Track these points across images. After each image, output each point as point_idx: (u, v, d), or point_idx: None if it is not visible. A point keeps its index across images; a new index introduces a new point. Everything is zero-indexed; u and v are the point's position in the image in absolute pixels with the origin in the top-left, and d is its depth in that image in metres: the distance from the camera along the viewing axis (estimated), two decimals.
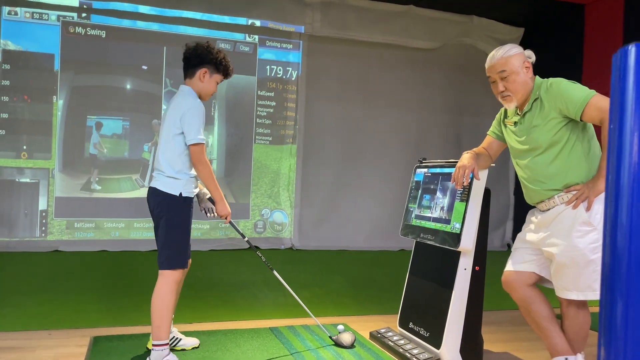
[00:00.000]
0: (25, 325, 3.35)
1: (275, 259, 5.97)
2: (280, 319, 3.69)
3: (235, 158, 6.40)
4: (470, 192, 2.82)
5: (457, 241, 2.79)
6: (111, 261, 5.38)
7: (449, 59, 7.15)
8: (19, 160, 5.70)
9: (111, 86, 5.99)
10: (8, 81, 5.64)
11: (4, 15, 5.60)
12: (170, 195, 2.62)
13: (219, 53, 2.72)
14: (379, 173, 6.86)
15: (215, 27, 6.29)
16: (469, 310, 2.86)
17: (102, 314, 3.69)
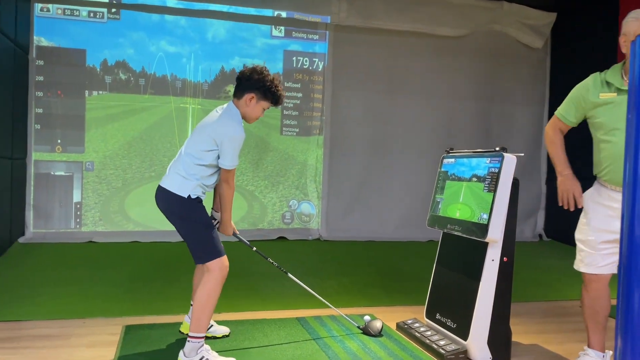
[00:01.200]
0: (60, 314, 3.45)
1: (303, 249, 6.02)
2: (307, 309, 3.71)
3: (262, 150, 6.43)
4: (498, 182, 2.77)
5: (485, 232, 2.76)
6: (143, 252, 5.50)
7: (478, 47, 7.02)
8: (54, 154, 5.87)
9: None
10: (42, 77, 5.79)
11: (36, 12, 5.74)
12: (178, 196, 2.64)
13: (273, 81, 2.72)
14: (407, 163, 6.80)
15: (241, 19, 6.31)
16: (497, 301, 2.83)
17: (133, 303, 3.78)
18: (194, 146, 2.69)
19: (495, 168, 2.83)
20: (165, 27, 6.13)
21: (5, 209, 5.03)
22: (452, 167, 3.25)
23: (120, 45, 6.01)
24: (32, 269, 4.62)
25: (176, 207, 2.67)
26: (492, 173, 2.84)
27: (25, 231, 5.71)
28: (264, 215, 6.40)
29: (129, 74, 6.06)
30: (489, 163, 2.89)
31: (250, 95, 2.72)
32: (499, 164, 2.81)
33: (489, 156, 2.91)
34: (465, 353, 2.83)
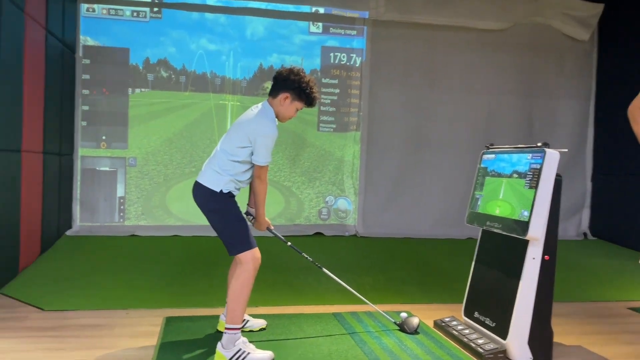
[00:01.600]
0: (105, 305, 3.57)
1: (339, 245, 6.02)
2: (344, 305, 3.72)
3: (299, 146, 6.46)
4: (540, 179, 2.70)
5: (525, 229, 2.70)
6: (183, 246, 5.62)
7: (520, 40, 6.84)
8: (99, 150, 6.05)
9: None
10: (88, 75, 5.98)
11: (82, 12, 5.93)
12: (211, 190, 2.71)
13: (308, 83, 2.78)
14: (445, 159, 6.71)
15: (279, 16, 6.35)
16: (538, 300, 2.76)
17: (173, 295, 3.87)
18: (229, 143, 2.76)
19: (537, 164, 2.76)
20: (205, 25, 6.23)
21: (53, 203, 5.23)
22: (491, 163, 3.19)
23: (161, 44, 6.15)
24: (79, 261, 4.79)
25: (209, 201, 2.74)
26: (534, 169, 2.77)
27: (73, 224, 5.91)
28: (300, 211, 6.43)
29: (170, 72, 6.19)
30: (531, 159, 2.82)
31: (285, 95, 2.78)
32: (541, 159, 2.74)
33: (530, 152, 2.85)
34: (504, 353, 2.78)
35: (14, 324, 3.12)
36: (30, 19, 4.38)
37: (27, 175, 4.37)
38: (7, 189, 3.97)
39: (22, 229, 4.33)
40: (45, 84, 4.81)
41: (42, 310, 3.41)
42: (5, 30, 3.86)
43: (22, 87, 4.25)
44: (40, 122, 4.73)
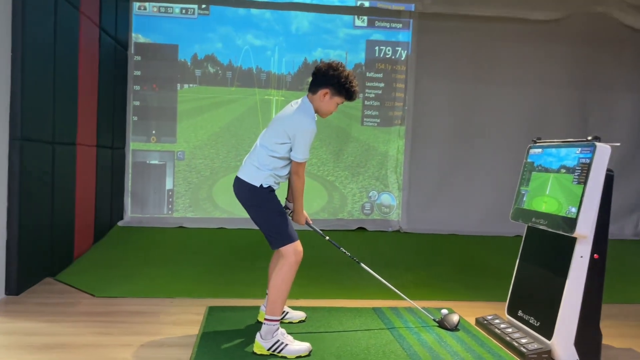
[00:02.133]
0: (152, 293, 3.70)
1: (382, 241, 5.98)
2: (384, 300, 3.70)
3: (343, 140, 6.46)
4: (589, 174, 2.60)
5: (573, 226, 2.60)
6: (228, 238, 5.73)
7: (575, 30, 6.56)
8: (149, 143, 6.25)
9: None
10: (139, 71, 6.18)
11: (135, 11, 6.12)
12: (251, 185, 2.75)
13: (348, 77, 2.76)
14: (493, 155, 6.54)
15: (324, 11, 6.35)
16: (586, 300, 2.66)
17: (217, 285, 3.96)
18: (268, 139, 2.78)
19: (586, 159, 2.65)
20: (251, 21, 6.31)
21: (106, 195, 5.44)
22: (538, 157, 3.09)
23: (209, 40, 6.27)
24: (129, 250, 4.97)
25: (249, 196, 2.77)
26: (583, 164, 2.66)
27: (124, 215, 6.13)
28: (343, 206, 6.43)
29: (217, 68, 6.31)
30: (580, 153, 2.71)
31: (324, 91, 2.76)
32: (590, 154, 2.63)
33: (579, 146, 2.74)
34: (548, 353, 2.70)
35: (67, 309, 3.28)
36: (85, 17, 4.56)
37: (81, 168, 4.57)
38: (63, 181, 4.16)
39: (77, 219, 4.54)
40: (99, 81, 5.01)
41: (93, 297, 3.56)
42: (61, 28, 4.04)
43: (77, 83, 4.43)
44: (94, 116, 4.93)
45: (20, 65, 3.41)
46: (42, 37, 3.72)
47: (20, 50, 3.40)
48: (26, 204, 3.51)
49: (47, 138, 3.85)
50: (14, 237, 3.43)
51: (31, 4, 3.49)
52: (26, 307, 3.26)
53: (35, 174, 3.65)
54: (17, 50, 3.39)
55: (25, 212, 3.51)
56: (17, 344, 2.68)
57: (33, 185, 3.62)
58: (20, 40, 3.39)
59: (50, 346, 2.67)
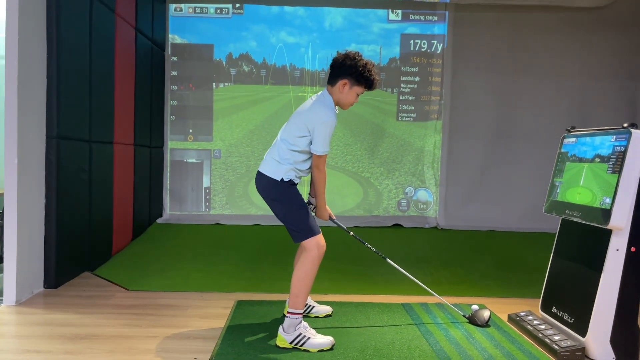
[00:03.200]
0: (184, 287, 3.76)
1: (419, 238, 5.88)
2: (414, 296, 3.63)
3: (378, 136, 6.39)
4: (624, 162, 2.46)
5: (607, 218, 2.47)
6: (263, 234, 5.77)
7: (620, 18, 6.25)
8: (187, 142, 6.37)
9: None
10: (176, 72, 6.31)
11: (171, 12, 6.26)
12: (272, 179, 2.75)
13: (366, 66, 2.70)
14: (533, 149, 6.31)
15: (359, 5, 6.30)
16: (622, 296, 2.53)
17: (248, 280, 3.99)
18: (289, 132, 2.77)
19: (621, 146, 2.52)
20: (284, 19, 6.34)
21: (145, 193, 5.58)
22: (572, 147, 2.95)
23: (243, 39, 6.34)
24: (165, 247, 5.08)
25: (270, 190, 2.78)
26: (618, 152, 2.52)
27: (163, 213, 6.28)
28: (379, 202, 6.36)
29: (251, 66, 6.37)
30: (614, 141, 2.57)
31: (343, 81, 2.72)
32: (625, 141, 2.49)
33: (614, 133, 2.60)
34: (582, 351, 2.57)
35: (101, 302, 3.37)
36: (120, 19, 4.69)
37: (119, 166, 4.70)
38: (100, 179, 4.29)
39: (115, 216, 4.67)
40: (136, 81, 5.14)
41: (127, 290, 3.66)
42: (97, 31, 4.17)
43: (113, 83, 4.56)
44: (131, 116, 5.06)
45: (55, 66, 3.53)
46: (77, 38, 3.85)
47: (55, 51, 3.52)
48: (63, 201, 3.64)
49: (83, 136, 3.98)
50: (52, 232, 3.56)
51: (66, 6, 3.62)
52: (62, 300, 3.38)
53: (72, 172, 3.78)
54: (52, 51, 3.51)
55: (63, 209, 3.64)
56: (50, 334, 2.77)
57: (70, 182, 3.75)
58: (55, 41, 3.52)
59: (80, 336, 2.75)
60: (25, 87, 3.30)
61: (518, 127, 6.36)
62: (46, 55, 3.51)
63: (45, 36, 3.50)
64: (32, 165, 3.41)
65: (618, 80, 6.33)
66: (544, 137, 6.27)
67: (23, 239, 3.31)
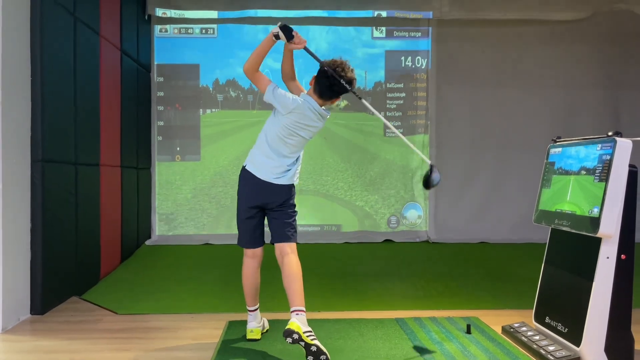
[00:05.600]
0: (173, 309, 3.70)
1: (410, 252, 5.87)
2: (408, 311, 3.61)
3: (366, 152, 6.41)
4: (610, 170, 2.48)
5: (596, 226, 2.48)
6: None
7: (600, 29, 6.39)
8: (174, 162, 6.33)
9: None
10: (162, 92, 6.30)
11: (156, 34, 6.27)
12: (291, 185, 2.96)
13: (355, 81, 2.91)
14: (521, 160, 6.36)
15: (342, 23, 6.36)
16: (615, 304, 2.53)
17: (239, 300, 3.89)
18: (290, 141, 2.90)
19: (607, 155, 2.54)
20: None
21: (132, 215, 5.52)
22: (559, 158, 2.98)
23: (230, 65, 6.33)
24: (154, 269, 5.01)
25: (291, 196, 2.96)
26: (604, 161, 2.55)
27: (152, 234, 6.21)
28: (369, 218, 6.36)
29: (238, 92, 6.37)
30: (600, 150, 2.60)
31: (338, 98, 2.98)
32: (611, 150, 2.52)
33: (599, 142, 2.63)
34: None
35: (90, 327, 3.31)
36: (105, 41, 4.69)
37: (105, 188, 4.65)
38: (87, 201, 4.23)
39: (103, 239, 4.61)
40: (122, 102, 5.12)
41: (115, 314, 3.59)
42: (82, 53, 4.15)
43: (99, 105, 4.54)
44: (117, 138, 5.03)
45: (40, 88, 3.50)
46: (61, 60, 3.83)
47: (39, 74, 3.49)
48: (49, 225, 3.58)
49: (69, 159, 3.94)
50: (38, 257, 3.49)
51: (50, 29, 3.60)
52: (50, 326, 3.30)
53: (58, 195, 3.73)
54: (36, 74, 3.48)
55: (49, 233, 3.58)
56: None
57: (56, 206, 3.69)
58: (39, 63, 3.49)
59: None
60: (9, 110, 3.26)
61: (504, 138, 6.43)
62: (30, 77, 3.48)
63: (29, 59, 3.47)
64: (17, 189, 3.36)
65: (600, 90, 6.44)
66: (529, 147, 6.32)
67: (8, 264, 3.24)
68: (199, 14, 6.26)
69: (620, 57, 6.44)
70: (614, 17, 6.36)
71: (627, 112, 6.46)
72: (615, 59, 6.44)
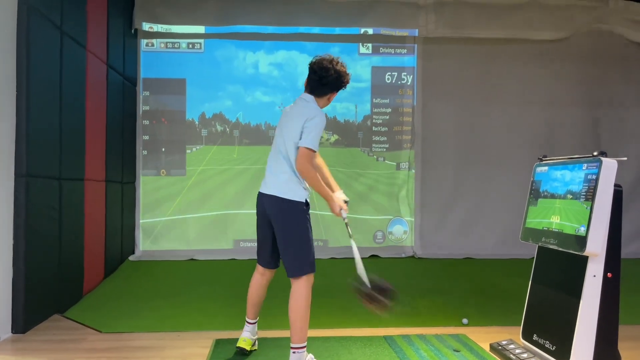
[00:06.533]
0: (159, 327, 3.64)
1: (396, 268, 5.88)
2: (396, 328, 3.60)
3: (351, 166, 6.43)
4: (596, 190, 2.52)
5: (583, 245, 2.52)
6: (239, 268, 5.66)
7: (581, 49, 6.54)
8: (159, 177, 6.27)
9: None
10: (148, 106, 6.26)
11: (142, 47, 6.24)
12: (292, 201, 2.78)
13: (347, 77, 2.88)
14: (505, 176, 6.44)
15: (329, 40, 6.41)
16: (602, 321, 2.56)
17: (226, 317, 3.89)
18: (292, 137, 2.79)
19: (593, 175, 2.58)
20: (259, 79, 6.36)
21: (117, 230, 5.45)
22: (545, 178, 3.01)
23: (219, 98, 6.32)
24: (139, 285, 4.94)
25: (289, 214, 2.81)
26: (590, 180, 2.59)
27: (135, 250, 6.13)
28: (355, 234, 6.34)
29: (225, 125, 6.36)
30: (586, 169, 2.64)
31: (332, 95, 2.93)
32: (596, 170, 2.56)
33: (585, 162, 2.67)
34: None
35: (73, 346, 3.24)
36: (91, 55, 4.65)
37: (90, 203, 4.59)
38: (71, 217, 4.17)
39: (86, 255, 4.53)
40: (107, 117, 5.07)
41: (99, 332, 3.52)
42: (68, 67, 4.11)
43: (84, 119, 4.49)
44: (102, 152, 4.98)
45: (25, 103, 3.46)
46: (48, 75, 3.79)
47: (25, 88, 3.45)
48: (32, 241, 3.52)
49: (53, 174, 3.88)
50: (20, 275, 3.42)
51: (36, 43, 3.57)
52: (31, 345, 3.23)
53: (41, 211, 3.67)
54: (22, 88, 3.44)
55: (32, 250, 3.51)
56: None
57: (39, 221, 3.63)
58: (25, 78, 3.45)
59: None
60: None
61: (488, 154, 6.50)
62: (15, 92, 3.44)
63: (15, 73, 3.43)
64: (0, 204, 3.30)
65: (580, 108, 6.57)
66: (513, 163, 6.42)
67: None
68: (186, 28, 6.25)
69: (600, 76, 6.58)
70: (594, 37, 6.52)
71: (606, 130, 6.59)
72: (595, 78, 6.58)
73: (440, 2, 6.27)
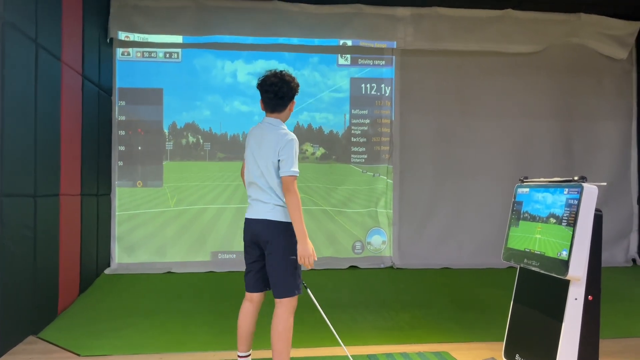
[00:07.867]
0: (139, 349, 3.57)
1: (376, 279, 5.91)
2: (378, 346, 3.61)
3: (330, 178, 6.44)
4: (578, 215, 2.58)
5: (566, 269, 2.57)
6: (218, 282, 5.62)
7: (555, 62, 6.69)
8: (136, 188, 6.17)
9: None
10: (124, 116, 6.14)
11: (118, 57, 6.12)
12: (284, 223, 2.75)
13: (295, 79, 2.90)
14: (481, 187, 6.54)
15: (308, 51, 6.40)
16: (583, 343, 2.62)
17: (210, 336, 3.84)
18: (268, 165, 2.77)
19: (574, 200, 2.64)
20: (238, 89, 6.32)
21: (91, 243, 5.33)
22: (526, 200, 3.06)
23: (197, 108, 6.27)
24: (116, 301, 4.84)
25: (281, 237, 2.78)
26: (572, 205, 2.64)
27: (111, 263, 6.01)
28: (333, 245, 6.37)
29: (198, 136, 6.29)
30: (567, 194, 2.70)
31: (292, 103, 2.92)
32: (578, 195, 2.62)
33: (566, 187, 2.73)
34: None
35: None
36: (67, 66, 4.54)
37: (65, 218, 4.47)
38: (45, 234, 4.06)
39: (61, 271, 4.42)
40: (83, 129, 4.96)
41: (77, 356, 3.44)
42: (42, 79, 4.01)
43: (59, 133, 4.38)
44: (78, 165, 4.86)
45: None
46: (22, 90, 3.69)
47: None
48: (6, 263, 3.41)
49: (28, 191, 3.78)
50: None
51: (10, 56, 3.47)
52: None
53: (15, 230, 3.56)
54: None
55: (5, 269, 3.40)
56: None
57: (13, 240, 3.52)
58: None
59: None
60: None
61: (465, 165, 6.59)
62: None
63: None
64: None
65: (555, 120, 6.72)
66: (490, 174, 6.53)
67: None
68: (164, 38, 6.16)
69: (573, 89, 6.74)
70: (567, 50, 6.68)
71: (579, 142, 6.75)
72: (569, 90, 6.74)
73: (418, 14, 6.34)
